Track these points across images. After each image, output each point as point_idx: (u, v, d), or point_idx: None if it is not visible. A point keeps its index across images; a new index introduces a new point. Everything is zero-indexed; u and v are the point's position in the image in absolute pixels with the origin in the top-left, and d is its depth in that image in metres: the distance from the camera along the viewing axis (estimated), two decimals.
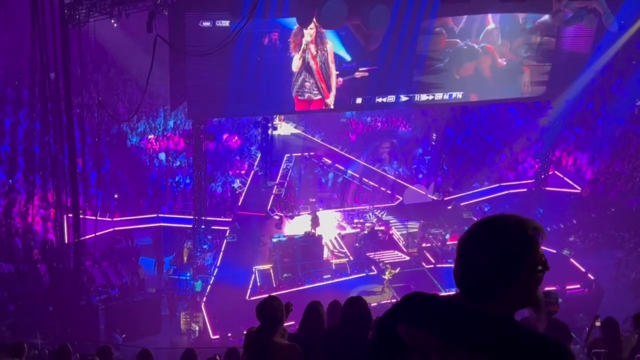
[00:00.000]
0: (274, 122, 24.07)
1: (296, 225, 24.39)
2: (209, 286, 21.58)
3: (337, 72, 20.90)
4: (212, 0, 18.02)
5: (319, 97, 21.02)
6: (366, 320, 4.89)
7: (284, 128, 30.70)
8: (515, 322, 2.11)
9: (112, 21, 19.23)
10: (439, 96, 22.58)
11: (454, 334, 2.09)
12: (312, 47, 20.26)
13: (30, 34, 15.39)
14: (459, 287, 2.15)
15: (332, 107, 21.77)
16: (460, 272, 2.14)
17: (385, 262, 22.59)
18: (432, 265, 23.05)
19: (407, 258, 23.49)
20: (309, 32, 20.00)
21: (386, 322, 2.31)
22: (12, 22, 30.09)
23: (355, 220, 25.41)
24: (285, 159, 28.35)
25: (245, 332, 5.08)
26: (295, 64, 20.35)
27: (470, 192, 26.77)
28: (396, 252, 23.85)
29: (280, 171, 27.45)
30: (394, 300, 20.70)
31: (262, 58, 19.69)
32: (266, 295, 5.07)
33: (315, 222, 23.41)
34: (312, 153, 29.14)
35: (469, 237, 2.13)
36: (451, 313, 2.14)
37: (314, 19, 19.20)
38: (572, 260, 22.69)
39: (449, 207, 26.18)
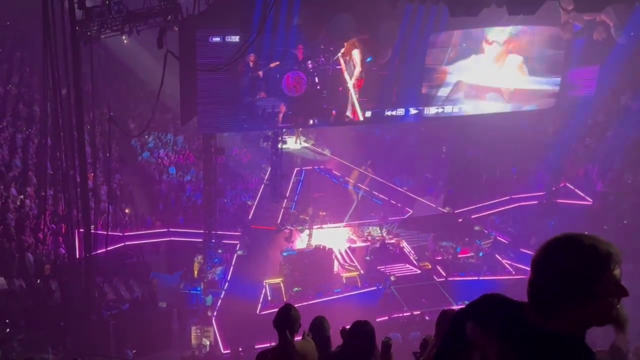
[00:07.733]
0: (283, 136, 24.11)
1: (306, 239, 24.34)
2: (220, 300, 21.52)
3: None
4: (222, 16, 18.14)
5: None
6: (369, 343, 4.87)
7: (293, 142, 30.74)
8: (582, 345, 2.08)
9: (124, 37, 19.39)
10: (448, 109, 22.56)
11: (515, 346, 2.12)
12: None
13: (42, 50, 15.57)
14: (528, 299, 2.18)
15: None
16: (529, 285, 2.16)
17: (397, 275, 22.51)
18: (443, 279, 22.91)
19: (418, 271, 23.36)
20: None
21: (458, 317, 2.35)
22: (24, 39, 30.53)
23: (366, 233, 25.32)
24: (294, 172, 28.37)
25: (257, 355, 5.09)
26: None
27: (481, 204, 26.61)
28: (407, 265, 23.73)
29: (290, 185, 27.46)
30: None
31: (272, 72, 19.78)
32: (284, 305, 5.12)
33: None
34: (321, 166, 29.13)
35: (542, 251, 2.13)
36: (518, 324, 2.15)
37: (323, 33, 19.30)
38: None
39: (460, 220, 26.04)
